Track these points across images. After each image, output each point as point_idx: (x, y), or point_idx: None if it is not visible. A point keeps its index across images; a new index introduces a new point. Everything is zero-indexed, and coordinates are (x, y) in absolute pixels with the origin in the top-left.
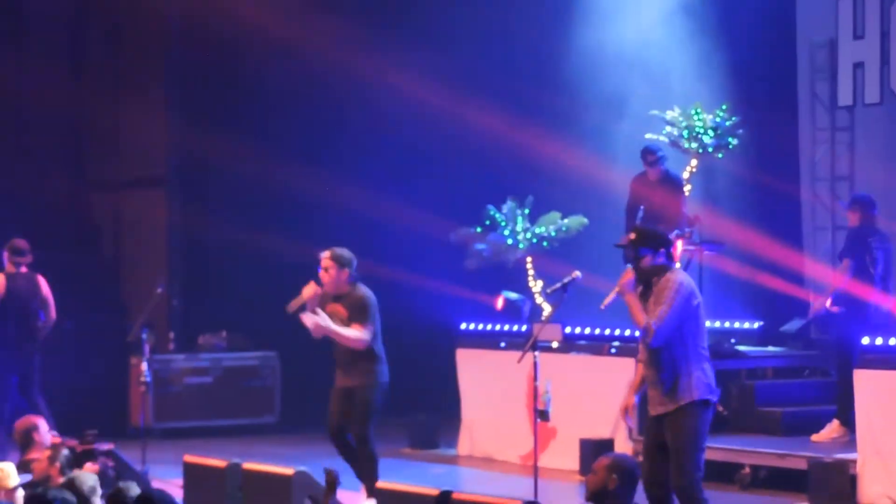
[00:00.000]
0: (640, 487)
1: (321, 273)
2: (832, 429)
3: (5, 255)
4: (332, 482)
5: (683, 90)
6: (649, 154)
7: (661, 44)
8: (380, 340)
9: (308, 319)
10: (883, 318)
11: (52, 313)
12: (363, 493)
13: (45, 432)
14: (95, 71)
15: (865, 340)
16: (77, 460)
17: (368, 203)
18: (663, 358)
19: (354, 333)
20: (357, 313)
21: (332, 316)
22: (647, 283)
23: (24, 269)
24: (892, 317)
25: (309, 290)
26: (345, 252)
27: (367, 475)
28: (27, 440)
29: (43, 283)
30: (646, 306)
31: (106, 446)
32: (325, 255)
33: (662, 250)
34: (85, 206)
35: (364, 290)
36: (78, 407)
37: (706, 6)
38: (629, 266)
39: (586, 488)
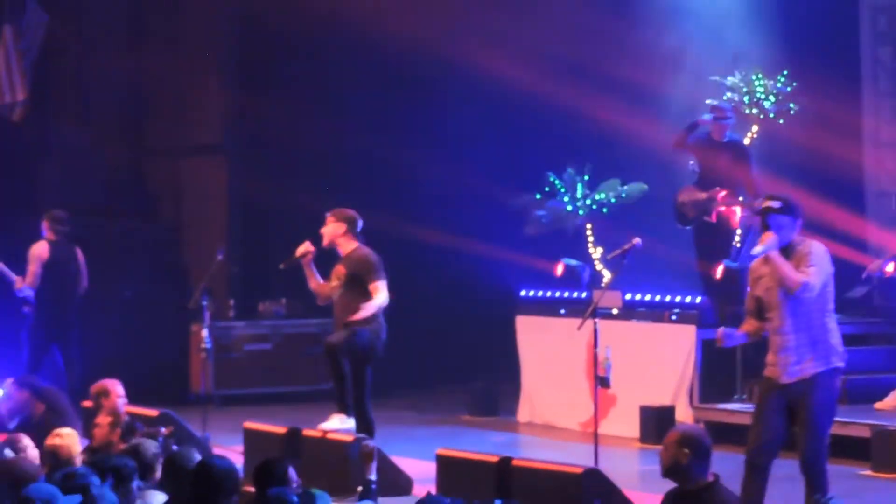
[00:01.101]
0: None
1: (323, 228)
2: (895, 397)
3: (45, 224)
4: (369, 454)
5: (744, 56)
6: (720, 111)
7: (722, 8)
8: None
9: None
10: None
11: (85, 282)
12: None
13: (117, 397)
14: (154, 38)
15: None
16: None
17: (428, 170)
18: (802, 323)
19: (375, 300)
20: (368, 272)
21: (333, 275)
22: (783, 249)
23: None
24: None
25: (302, 248)
26: (347, 210)
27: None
28: (96, 404)
29: (79, 252)
30: None
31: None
32: (329, 213)
33: (800, 220)
34: (145, 174)
35: (367, 249)
36: (138, 375)
37: None
38: (771, 231)
39: (661, 464)
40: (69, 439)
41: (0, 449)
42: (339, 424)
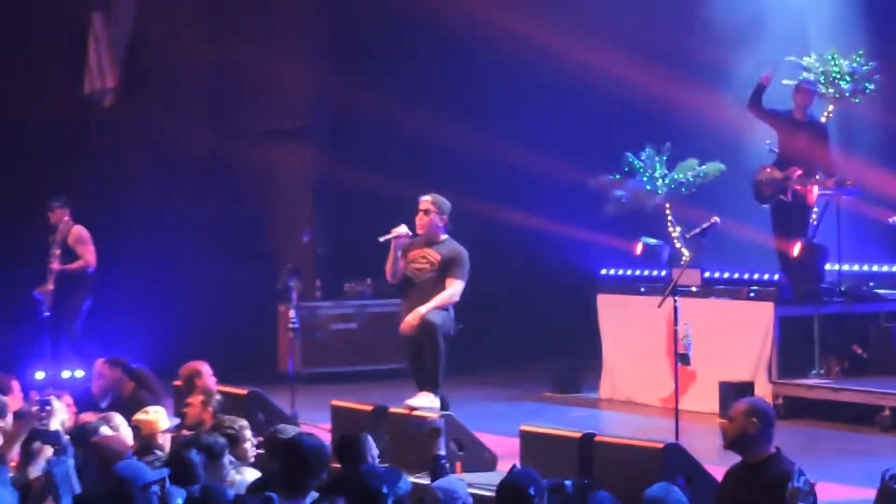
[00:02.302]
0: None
1: (419, 216)
2: None
3: (68, 209)
4: (435, 431)
5: (819, 35)
6: (806, 86)
7: None
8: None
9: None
10: None
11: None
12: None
13: (208, 377)
14: (241, 23)
15: None
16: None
17: (510, 152)
18: None
19: (449, 292)
20: (456, 267)
21: (421, 258)
22: None
23: None
24: None
25: (400, 229)
26: (445, 199)
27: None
28: (189, 385)
29: None
30: None
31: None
32: (425, 199)
33: None
34: (231, 159)
35: (461, 247)
36: (228, 354)
37: None
38: None
39: (724, 437)
40: (153, 416)
41: (96, 427)
42: (425, 401)
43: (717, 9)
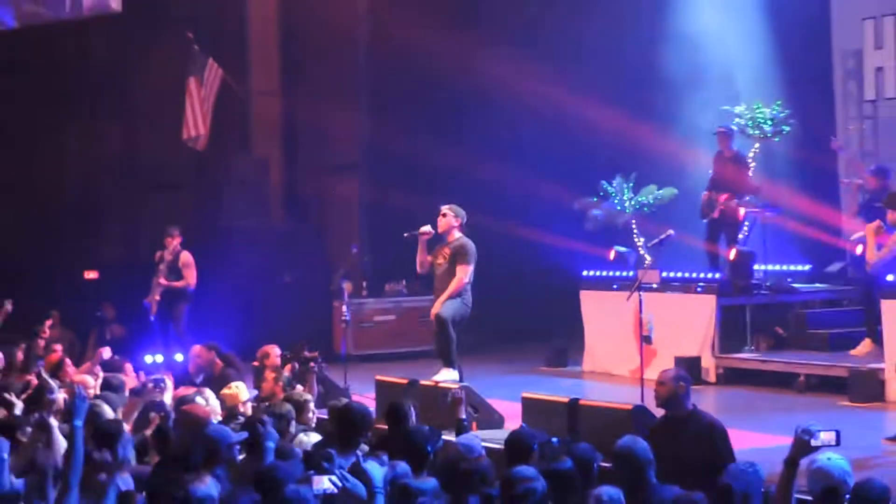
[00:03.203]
0: None
1: (439, 218)
2: (864, 345)
3: (178, 237)
4: (458, 399)
5: (748, 88)
6: (721, 130)
7: (732, 54)
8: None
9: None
10: None
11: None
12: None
13: (276, 357)
14: (304, 80)
15: (890, 277)
16: (297, 379)
17: (514, 180)
18: None
19: (457, 278)
20: (461, 256)
21: (440, 255)
22: None
23: None
24: None
25: (425, 228)
26: (460, 208)
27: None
28: (262, 363)
29: None
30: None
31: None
32: (444, 207)
33: None
34: (299, 187)
35: (467, 240)
36: (295, 340)
37: (765, 28)
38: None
39: (658, 397)
40: (236, 389)
41: (193, 398)
42: (446, 376)
43: (675, 65)
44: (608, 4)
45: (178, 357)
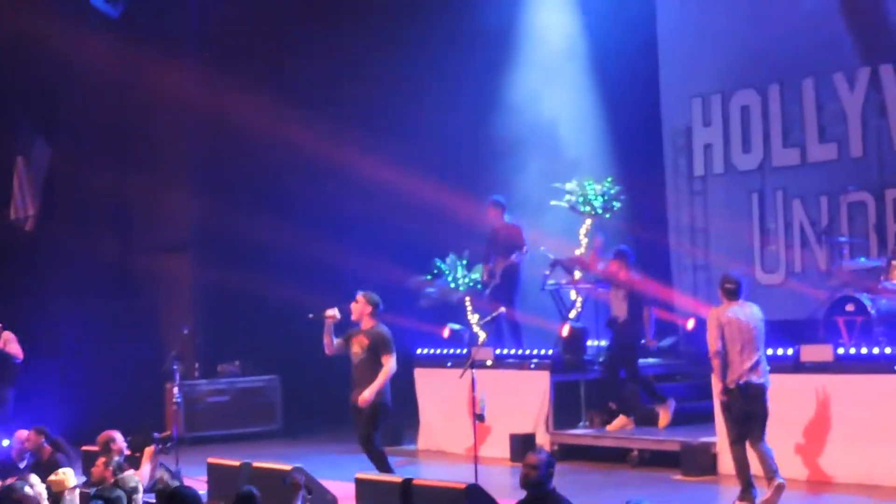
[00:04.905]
0: None
1: (353, 304)
2: (620, 420)
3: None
4: (296, 484)
5: (580, 165)
6: (489, 205)
7: (567, 133)
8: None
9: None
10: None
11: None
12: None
13: (121, 442)
14: (136, 161)
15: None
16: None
17: (346, 260)
18: None
19: (385, 369)
20: (383, 345)
21: (356, 344)
22: None
23: None
24: None
25: (332, 312)
26: (374, 294)
27: (380, 467)
28: (105, 449)
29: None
30: None
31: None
32: (359, 294)
33: None
34: (130, 266)
35: (383, 327)
36: (127, 423)
37: (597, 104)
38: None
39: (527, 480)
40: (63, 476)
41: (21, 486)
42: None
43: (505, 153)
44: (438, 85)
45: (4, 442)
